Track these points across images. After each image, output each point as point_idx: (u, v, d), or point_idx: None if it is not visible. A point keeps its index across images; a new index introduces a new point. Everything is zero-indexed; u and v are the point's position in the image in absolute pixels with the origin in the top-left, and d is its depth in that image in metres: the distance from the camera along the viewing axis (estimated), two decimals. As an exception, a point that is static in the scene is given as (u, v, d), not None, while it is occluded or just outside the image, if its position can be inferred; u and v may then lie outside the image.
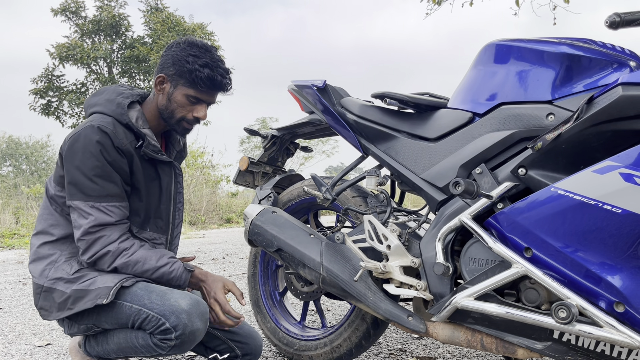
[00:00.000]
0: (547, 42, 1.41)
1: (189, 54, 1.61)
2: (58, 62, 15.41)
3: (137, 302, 1.54)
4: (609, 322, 1.15)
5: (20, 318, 2.90)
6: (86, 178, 1.55)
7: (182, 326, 1.48)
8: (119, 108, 1.62)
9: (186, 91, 1.63)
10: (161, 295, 1.53)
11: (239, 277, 4.18)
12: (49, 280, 1.60)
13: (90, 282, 1.57)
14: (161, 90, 1.66)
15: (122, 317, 1.55)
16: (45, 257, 1.64)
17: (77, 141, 1.55)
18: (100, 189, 1.55)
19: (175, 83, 1.64)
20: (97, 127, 1.55)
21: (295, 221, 1.82)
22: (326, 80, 1.85)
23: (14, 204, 9.95)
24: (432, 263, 1.48)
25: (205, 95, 1.65)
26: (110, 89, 1.71)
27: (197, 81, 1.60)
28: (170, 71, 1.63)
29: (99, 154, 1.54)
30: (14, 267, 4.90)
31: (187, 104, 1.65)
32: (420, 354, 2.16)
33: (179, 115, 1.66)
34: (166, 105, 1.66)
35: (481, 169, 1.44)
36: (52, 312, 1.61)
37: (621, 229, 1.13)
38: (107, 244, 1.56)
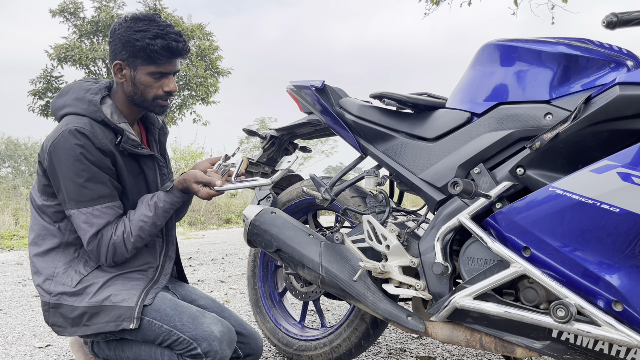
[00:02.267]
0: (545, 42, 1.41)
1: (135, 31, 1.53)
2: (56, 63, 15.39)
3: (167, 322, 1.53)
4: (607, 321, 1.16)
5: (19, 319, 2.90)
6: (75, 184, 1.51)
7: (213, 353, 1.50)
8: (92, 106, 1.56)
9: (147, 69, 1.56)
10: (193, 318, 1.54)
11: (238, 278, 4.18)
12: (54, 297, 1.57)
13: (101, 295, 1.55)
14: (122, 77, 1.59)
15: (150, 335, 1.54)
16: (41, 272, 1.61)
17: (57, 148, 1.51)
18: (91, 192, 1.52)
19: (134, 65, 1.56)
20: (75, 130, 1.50)
21: (294, 221, 1.82)
22: (325, 81, 1.85)
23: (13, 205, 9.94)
24: (431, 263, 1.49)
25: (167, 66, 1.57)
26: (75, 87, 1.63)
27: (154, 55, 1.53)
28: (123, 55, 1.56)
29: (81, 157, 1.50)
30: (14, 269, 4.89)
31: (153, 82, 1.58)
32: (420, 353, 2.17)
33: (150, 96, 1.60)
34: (134, 91, 1.59)
35: (479, 168, 1.44)
36: (66, 327, 1.58)
37: (619, 228, 1.14)
38: (109, 240, 1.54)
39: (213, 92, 16.69)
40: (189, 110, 16.91)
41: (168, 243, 1.73)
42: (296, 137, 2.20)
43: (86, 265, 1.60)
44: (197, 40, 16.31)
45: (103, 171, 1.54)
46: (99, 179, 1.53)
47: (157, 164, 1.72)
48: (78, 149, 1.50)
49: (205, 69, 16.25)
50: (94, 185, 1.52)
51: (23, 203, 10.11)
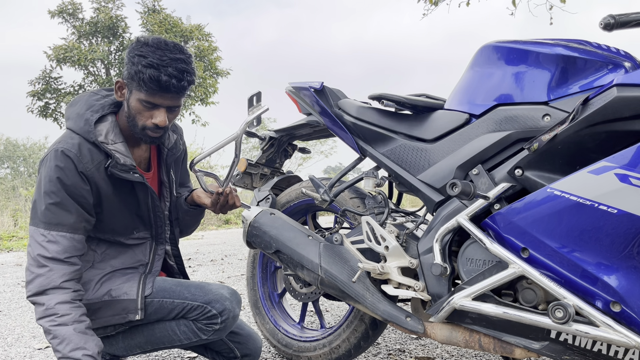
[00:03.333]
0: (543, 43, 1.42)
1: (136, 54, 1.46)
2: (55, 64, 15.39)
3: (177, 296, 1.61)
4: (605, 321, 1.16)
5: (19, 321, 2.90)
6: (42, 203, 1.48)
7: (227, 312, 1.62)
8: (86, 125, 1.53)
9: (138, 95, 1.49)
10: (200, 287, 1.64)
11: (237, 279, 4.19)
12: None
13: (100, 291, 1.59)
14: (122, 96, 1.56)
15: (163, 313, 1.62)
16: None
17: (43, 164, 1.52)
18: (52, 216, 1.48)
19: (130, 87, 1.51)
20: (61, 152, 1.48)
21: (294, 223, 1.83)
22: (323, 82, 1.86)
23: (12, 206, 9.93)
24: (429, 264, 1.49)
25: (158, 98, 1.48)
26: (83, 100, 1.61)
27: (141, 83, 1.45)
28: (125, 75, 1.51)
29: (56, 180, 1.48)
30: (13, 270, 4.89)
31: (143, 110, 1.51)
32: (419, 354, 2.17)
33: (140, 123, 1.53)
34: (128, 113, 1.54)
35: (478, 170, 1.45)
36: None
37: (617, 229, 1.14)
38: (41, 281, 1.44)
39: (212, 93, 16.69)
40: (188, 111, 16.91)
41: (158, 243, 1.76)
42: (295, 138, 2.20)
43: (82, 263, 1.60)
44: (196, 41, 16.31)
45: (75, 199, 1.50)
46: (66, 207, 1.49)
47: (147, 192, 1.66)
48: (57, 172, 1.48)
49: (204, 69, 16.25)
50: (59, 210, 1.48)
51: (22, 204, 10.11)
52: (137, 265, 1.70)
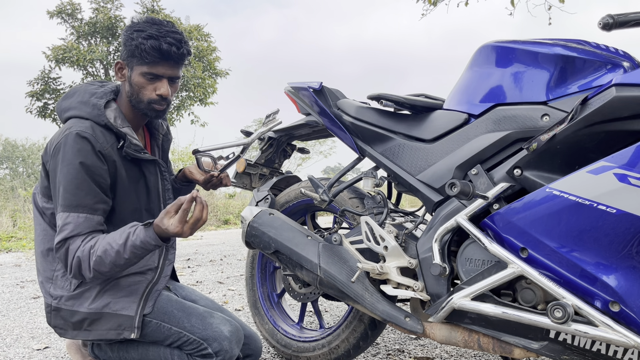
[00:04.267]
0: (542, 43, 1.42)
1: (134, 31, 1.53)
2: (54, 64, 15.37)
3: (176, 324, 1.55)
4: (604, 321, 1.16)
5: (18, 321, 2.90)
6: (63, 188, 1.49)
7: (223, 352, 1.54)
8: (95, 110, 1.55)
9: (140, 69, 1.54)
10: (202, 319, 1.57)
11: (236, 279, 4.18)
12: (54, 300, 1.57)
13: (101, 302, 1.55)
14: (123, 76, 1.60)
15: (159, 337, 1.56)
16: (43, 272, 1.61)
17: (59, 151, 1.50)
18: (73, 198, 1.48)
19: (131, 65, 1.56)
20: (76, 134, 1.49)
21: (293, 223, 1.82)
22: (322, 82, 1.86)
23: (11, 207, 9.92)
24: (429, 264, 1.49)
25: (159, 68, 1.54)
26: (81, 90, 1.63)
27: (144, 55, 1.51)
28: (123, 54, 1.56)
29: (76, 163, 1.48)
30: (12, 270, 4.89)
31: (146, 83, 1.56)
32: (418, 354, 2.17)
33: (145, 98, 1.57)
34: (131, 92, 1.58)
35: (477, 169, 1.44)
36: (67, 330, 1.58)
37: (616, 229, 1.14)
38: (75, 250, 1.47)
39: (211, 93, 16.68)
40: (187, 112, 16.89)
41: (168, 247, 1.72)
42: (294, 139, 2.20)
43: None
44: (195, 41, 16.30)
45: (95, 180, 1.50)
46: (85, 187, 1.49)
47: (159, 169, 1.71)
48: (76, 154, 1.49)
49: (203, 70, 16.24)
50: (78, 192, 1.48)
51: (21, 205, 10.09)
52: (145, 270, 1.63)
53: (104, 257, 1.44)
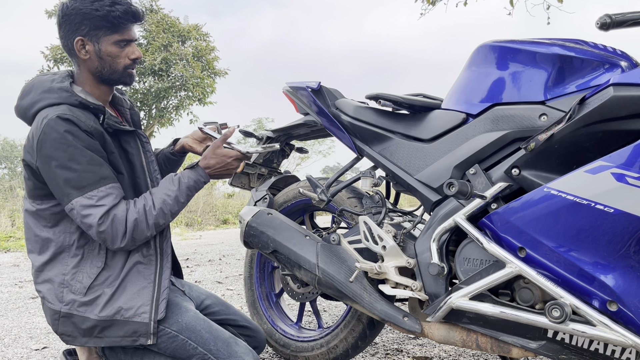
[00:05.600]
0: (540, 43, 1.42)
1: (92, 2, 1.49)
2: (53, 64, 15.36)
3: (202, 345, 1.53)
4: (602, 321, 1.16)
5: (16, 321, 2.89)
6: (74, 171, 1.43)
7: None
8: (64, 92, 1.50)
9: (111, 39, 1.53)
10: (227, 345, 1.55)
11: (235, 279, 4.18)
12: (65, 306, 1.52)
13: (112, 308, 1.50)
14: (87, 53, 1.54)
15: (183, 354, 1.54)
16: (51, 280, 1.55)
17: (45, 142, 1.44)
18: (93, 175, 1.45)
19: (96, 38, 1.52)
20: (57, 118, 1.43)
21: (291, 223, 1.82)
22: (321, 82, 1.86)
23: (10, 207, 9.91)
24: (427, 263, 1.49)
25: (129, 32, 1.56)
26: (36, 84, 1.56)
27: (117, 21, 1.50)
28: (83, 30, 1.51)
29: (73, 142, 1.44)
30: (10, 270, 4.88)
31: (119, 51, 1.55)
32: (417, 353, 2.17)
33: (120, 67, 1.56)
34: (101, 65, 1.55)
35: (475, 169, 1.45)
36: (76, 337, 1.53)
37: (613, 228, 1.14)
38: (125, 216, 1.47)
39: (210, 93, 16.67)
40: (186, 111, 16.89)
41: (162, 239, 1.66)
42: (292, 138, 2.20)
43: (92, 266, 1.53)
44: (193, 40, 16.29)
45: (96, 154, 1.48)
46: (96, 161, 1.46)
47: (140, 140, 1.66)
48: (68, 136, 1.43)
49: (201, 69, 16.23)
50: (94, 167, 1.45)
51: (20, 204, 10.08)
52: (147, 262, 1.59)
53: (164, 207, 1.52)
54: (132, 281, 1.55)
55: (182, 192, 1.56)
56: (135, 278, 1.56)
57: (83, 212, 1.44)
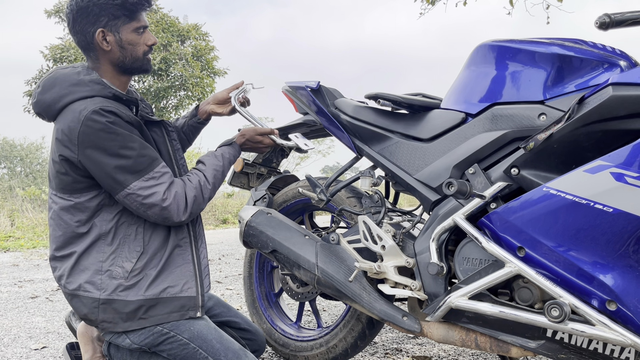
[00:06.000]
0: (539, 42, 1.42)
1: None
2: (52, 63, 15.34)
3: (213, 355, 1.53)
4: (601, 320, 1.16)
5: (15, 321, 2.89)
6: (127, 158, 1.46)
7: None
8: (96, 84, 1.51)
9: (130, 27, 1.56)
10: (237, 356, 1.55)
11: (235, 278, 4.18)
12: (105, 292, 1.51)
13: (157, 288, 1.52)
14: (108, 44, 1.55)
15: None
16: (87, 268, 1.53)
17: (89, 134, 1.44)
18: (146, 158, 1.48)
19: (116, 28, 1.55)
20: (100, 110, 1.44)
21: (290, 222, 1.82)
22: (320, 82, 1.86)
23: (9, 207, 9.90)
24: (426, 263, 1.49)
25: (143, 19, 1.59)
26: (59, 77, 1.55)
27: (134, 8, 1.54)
28: (102, 22, 1.53)
29: (120, 131, 1.46)
30: (9, 270, 4.88)
31: (137, 38, 1.58)
32: (416, 353, 2.17)
33: (140, 53, 1.60)
34: (123, 54, 1.57)
35: (474, 169, 1.45)
36: (118, 323, 1.52)
37: (613, 227, 1.15)
38: (186, 192, 1.55)
39: (209, 93, 16.65)
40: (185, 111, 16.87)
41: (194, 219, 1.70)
42: (292, 138, 2.20)
43: (131, 251, 1.54)
44: (193, 40, 16.28)
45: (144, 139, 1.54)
46: (145, 144, 1.51)
47: (166, 129, 1.69)
48: (112, 126, 1.45)
49: (201, 69, 16.22)
50: (145, 151, 1.49)
51: (19, 204, 10.08)
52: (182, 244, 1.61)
53: (215, 181, 1.63)
54: (173, 263, 1.58)
55: (225, 167, 1.68)
56: (175, 260, 1.58)
57: (144, 193, 1.48)
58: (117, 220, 1.54)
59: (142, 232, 1.56)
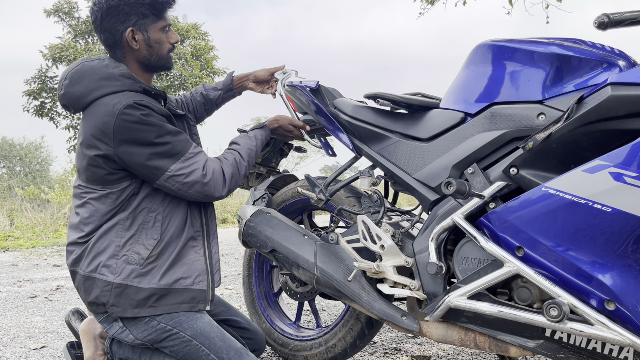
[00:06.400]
0: (538, 42, 1.42)
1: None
2: (51, 63, 15.32)
3: (215, 352, 1.55)
4: (599, 320, 1.16)
5: (15, 321, 2.89)
6: (162, 146, 1.51)
7: None
8: (127, 79, 1.56)
9: (157, 25, 1.61)
10: (239, 355, 1.57)
11: (234, 278, 4.18)
12: (119, 276, 1.52)
13: (170, 277, 1.55)
14: (137, 43, 1.59)
15: (194, 358, 1.56)
16: (104, 250, 1.55)
17: (125, 128, 1.48)
18: (180, 141, 1.55)
19: (144, 27, 1.59)
20: (134, 103, 1.49)
21: (289, 222, 1.82)
22: (319, 81, 1.86)
23: (8, 206, 9.90)
24: (425, 262, 1.49)
25: (168, 18, 1.64)
26: (87, 71, 1.57)
27: (162, 7, 1.59)
28: (132, 20, 1.57)
29: (155, 122, 1.51)
30: (9, 270, 4.88)
31: (163, 37, 1.63)
32: (415, 353, 2.17)
33: (165, 52, 1.65)
34: (149, 53, 1.62)
35: (473, 168, 1.45)
36: (127, 309, 1.53)
37: (611, 227, 1.15)
38: (224, 169, 1.62)
39: (208, 92, 16.63)
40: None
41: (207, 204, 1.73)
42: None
43: (148, 238, 1.56)
44: (192, 40, 16.28)
45: None
46: (177, 130, 1.57)
47: (188, 123, 1.76)
48: (147, 118, 1.50)
49: (200, 68, 16.22)
50: (178, 136, 1.56)
51: (18, 204, 10.07)
52: (197, 236, 1.66)
53: (250, 159, 1.72)
54: (186, 255, 1.61)
55: (258, 147, 1.77)
56: (188, 252, 1.62)
57: (185, 171, 1.54)
58: (137, 206, 1.58)
59: (161, 220, 1.59)
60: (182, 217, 1.62)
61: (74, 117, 15.54)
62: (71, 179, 11.95)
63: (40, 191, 11.41)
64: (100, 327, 1.75)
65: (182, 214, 1.62)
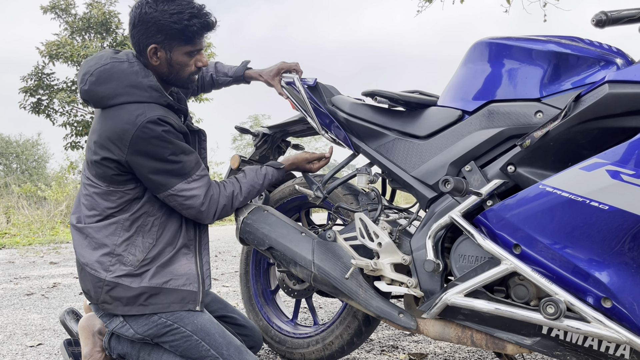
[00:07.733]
0: (536, 40, 1.42)
1: (171, 14, 1.54)
2: (48, 60, 15.27)
3: (215, 348, 1.57)
4: (596, 317, 1.17)
5: (11, 318, 2.89)
6: (174, 164, 1.55)
7: None
8: (154, 92, 1.57)
9: (184, 49, 1.60)
10: (239, 352, 1.59)
11: (231, 275, 4.18)
12: (111, 274, 1.55)
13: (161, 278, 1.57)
14: (157, 59, 1.60)
15: (195, 354, 1.57)
16: (101, 246, 1.58)
17: (143, 140, 1.51)
18: (189, 163, 1.58)
19: (169, 47, 1.59)
20: (157, 119, 1.52)
21: (287, 219, 1.82)
22: (317, 79, 1.85)
23: (5, 203, 9.87)
24: (422, 260, 1.49)
25: (200, 43, 1.62)
26: (116, 73, 1.57)
27: (193, 36, 1.57)
28: (158, 38, 1.56)
29: (172, 139, 1.54)
30: (5, 267, 4.87)
31: (187, 60, 1.62)
32: (412, 350, 2.18)
33: (186, 74, 1.65)
34: (169, 71, 1.63)
35: (470, 166, 1.45)
36: (117, 306, 1.56)
37: (608, 225, 1.15)
38: (218, 198, 1.65)
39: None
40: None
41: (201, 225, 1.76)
42: (289, 135, 2.20)
43: (144, 241, 1.60)
44: (189, 37, 16.22)
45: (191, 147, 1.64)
46: (189, 150, 1.60)
47: (199, 137, 1.78)
48: (166, 135, 1.53)
49: (198, 66, 16.16)
50: (190, 156, 1.59)
51: (15, 201, 10.05)
52: (189, 244, 1.69)
53: (248, 195, 1.74)
54: (178, 260, 1.63)
55: (263, 187, 1.77)
56: (181, 259, 1.64)
57: (186, 194, 1.58)
58: (138, 209, 1.60)
59: (158, 225, 1.62)
60: (177, 225, 1.66)
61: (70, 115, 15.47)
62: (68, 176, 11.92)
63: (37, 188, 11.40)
64: (100, 324, 1.76)
65: (177, 222, 1.66)
